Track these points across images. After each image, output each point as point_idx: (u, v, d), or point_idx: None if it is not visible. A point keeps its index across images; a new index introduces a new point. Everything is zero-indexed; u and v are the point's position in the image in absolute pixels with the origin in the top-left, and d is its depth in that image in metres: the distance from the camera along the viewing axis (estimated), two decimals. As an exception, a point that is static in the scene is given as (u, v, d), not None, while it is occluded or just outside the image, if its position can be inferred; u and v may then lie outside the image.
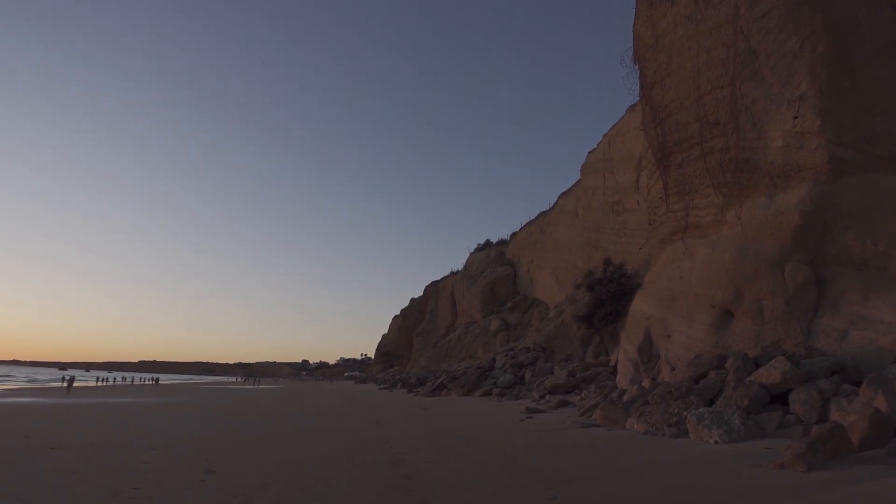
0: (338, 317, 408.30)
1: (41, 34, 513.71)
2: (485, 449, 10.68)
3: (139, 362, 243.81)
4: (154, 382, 72.60)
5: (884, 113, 12.19)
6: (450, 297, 70.81)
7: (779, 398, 10.66)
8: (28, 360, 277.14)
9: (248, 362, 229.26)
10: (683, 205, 16.26)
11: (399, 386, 51.69)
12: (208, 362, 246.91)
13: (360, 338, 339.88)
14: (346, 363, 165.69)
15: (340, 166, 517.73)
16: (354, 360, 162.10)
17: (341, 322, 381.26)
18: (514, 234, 63.23)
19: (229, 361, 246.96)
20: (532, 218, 57.61)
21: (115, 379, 79.07)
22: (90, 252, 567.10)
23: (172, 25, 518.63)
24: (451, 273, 75.51)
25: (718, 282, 14.13)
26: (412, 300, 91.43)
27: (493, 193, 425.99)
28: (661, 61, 16.53)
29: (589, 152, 41.20)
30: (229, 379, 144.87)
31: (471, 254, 70.47)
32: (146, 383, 70.93)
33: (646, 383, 15.30)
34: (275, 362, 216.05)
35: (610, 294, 27.58)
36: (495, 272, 60.66)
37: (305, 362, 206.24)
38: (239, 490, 7.13)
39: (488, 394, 28.70)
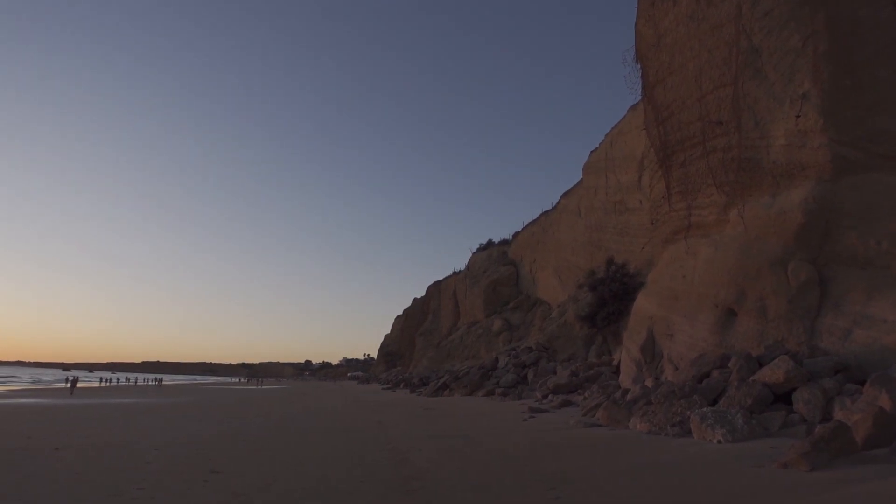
0: (340, 317, 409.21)
1: (41, 34, 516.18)
2: (487, 449, 10.68)
3: (142, 363, 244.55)
4: (157, 383, 72.82)
5: (886, 112, 12.16)
6: (452, 297, 70.84)
7: (782, 397, 10.64)
8: (32, 360, 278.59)
9: (251, 363, 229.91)
10: (686, 204, 16.23)
11: (402, 386, 51.73)
12: (211, 363, 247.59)
13: (363, 338, 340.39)
14: (348, 363, 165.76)
15: (343, 166, 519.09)
16: (357, 360, 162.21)
17: (344, 322, 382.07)
18: (516, 234, 63.24)
19: (232, 362, 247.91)
20: (534, 218, 57.70)
21: (118, 380, 79.22)
22: (93, 253, 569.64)
23: (173, 26, 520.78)
24: (454, 273, 75.53)
25: (721, 281, 14.10)
26: (415, 300, 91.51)
27: (495, 193, 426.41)
28: (663, 60, 16.50)
29: (591, 152, 41.18)
30: (232, 379, 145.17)
31: (473, 254, 70.50)
32: (149, 384, 71.14)
33: (649, 383, 15.28)
34: (278, 363, 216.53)
35: (612, 293, 27.58)
36: (498, 272, 60.66)
37: (308, 362, 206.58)
38: (241, 490, 7.14)
39: (491, 394, 28.70)
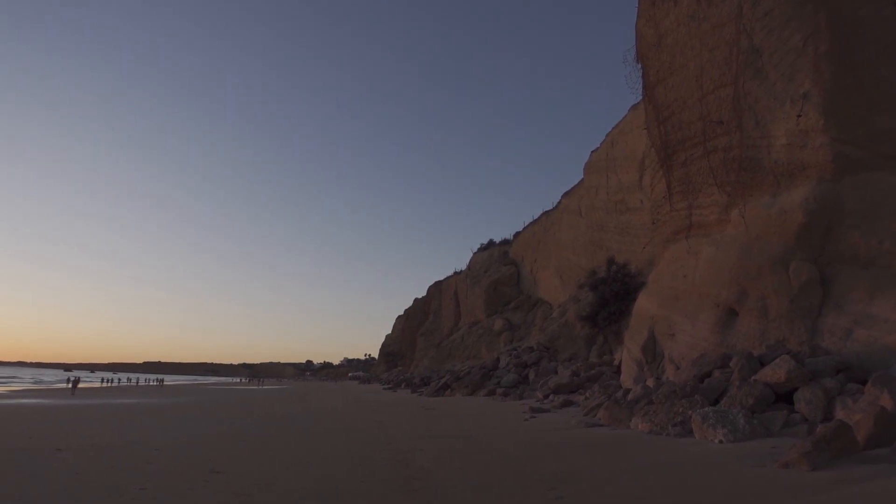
0: (341, 317, 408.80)
1: (40, 34, 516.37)
2: (489, 449, 10.69)
3: (144, 363, 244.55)
4: (158, 383, 72.88)
5: (888, 111, 12.15)
6: (453, 297, 70.82)
7: (784, 397, 10.63)
8: (33, 361, 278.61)
9: (252, 363, 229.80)
10: (687, 204, 16.23)
11: (403, 386, 51.74)
12: (212, 363, 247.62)
13: (364, 338, 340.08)
14: (349, 363, 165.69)
15: (344, 166, 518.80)
16: (358, 360, 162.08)
17: (345, 322, 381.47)
18: (517, 234, 63.19)
19: (233, 362, 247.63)
20: (535, 217, 57.67)
21: (119, 380, 79.20)
22: (94, 253, 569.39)
23: (174, 26, 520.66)
24: (455, 273, 75.49)
25: (722, 281, 14.10)
26: (416, 300, 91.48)
27: (496, 193, 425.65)
28: (664, 60, 16.50)
29: (592, 151, 41.16)
30: (233, 380, 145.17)
31: (474, 254, 70.46)
32: (151, 384, 71.20)
33: (650, 382, 15.28)
34: (279, 363, 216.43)
35: (614, 293, 27.57)
36: (499, 272, 60.64)
37: (309, 363, 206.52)
38: (242, 490, 7.15)
39: (492, 394, 28.70)
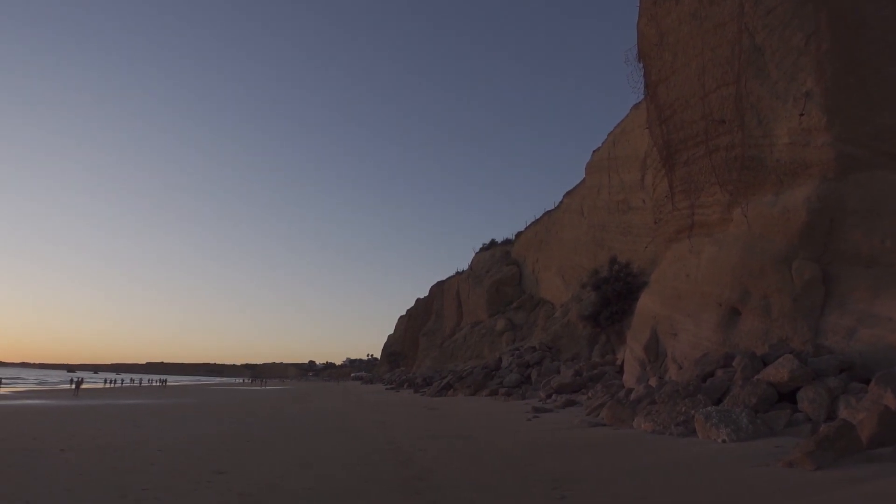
0: (344, 318, 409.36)
1: (40, 35, 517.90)
2: (492, 449, 10.69)
3: (147, 364, 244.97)
4: (161, 384, 73.02)
5: (891, 109, 12.11)
6: (455, 297, 70.81)
7: (787, 396, 10.61)
8: (37, 362, 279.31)
9: (255, 363, 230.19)
10: (689, 203, 16.21)
11: (405, 386, 51.76)
12: (215, 363, 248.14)
13: (366, 338, 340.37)
14: (352, 364, 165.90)
15: (345, 167, 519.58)
16: (361, 360, 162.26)
17: (347, 323, 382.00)
18: (519, 234, 63.15)
19: (236, 362, 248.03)
20: (537, 217, 57.58)
21: (122, 380, 79.35)
22: (97, 254, 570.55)
23: (175, 28, 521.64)
24: (457, 273, 75.50)
25: (725, 280, 14.08)
26: (418, 300, 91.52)
27: (497, 193, 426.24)
28: (666, 59, 16.47)
29: (594, 151, 41.14)
30: (236, 380, 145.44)
31: (476, 254, 70.45)
32: (154, 385, 71.32)
33: (653, 382, 15.26)
34: (281, 363, 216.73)
35: (616, 293, 27.52)
36: (501, 272, 60.61)
37: (312, 363, 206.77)
38: (246, 490, 7.16)
39: (495, 393, 28.69)
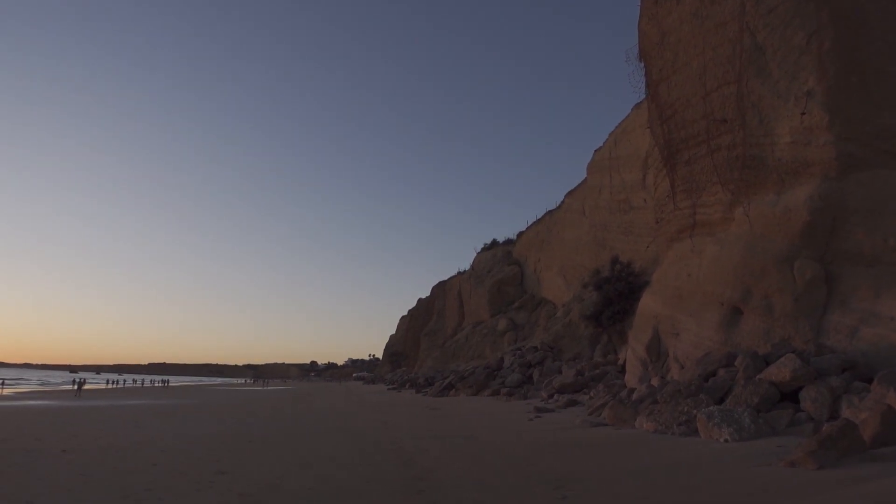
0: (346, 318, 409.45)
1: (39, 35, 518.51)
2: (494, 449, 10.69)
3: (149, 364, 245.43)
4: (163, 385, 73.12)
5: (892, 108, 12.11)
6: (457, 297, 70.76)
7: (789, 396, 10.60)
8: (39, 363, 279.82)
9: (257, 364, 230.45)
10: (691, 202, 16.19)
11: (407, 386, 51.75)
12: (217, 364, 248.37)
13: (368, 339, 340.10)
14: (354, 364, 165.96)
15: (347, 167, 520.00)
16: (363, 360, 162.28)
17: (349, 323, 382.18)
18: (520, 234, 63.10)
19: (238, 363, 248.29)
20: (539, 217, 57.51)
21: (124, 381, 79.48)
22: (99, 255, 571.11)
23: (174, 29, 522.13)
24: (459, 273, 75.43)
25: (727, 279, 14.06)
26: (419, 300, 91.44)
27: (499, 193, 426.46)
28: (667, 58, 16.46)
29: (595, 151, 41.07)
30: (238, 380, 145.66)
31: (478, 253, 70.43)
32: (156, 385, 71.42)
33: (655, 382, 15.26)
34: (283, 363, 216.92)
35: (618, 292, 27.49)
36: (502, 272, 60.57)
37: (314, 363, 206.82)
38: (248, 491, 7.16)
39: (496, 393, 28.68)
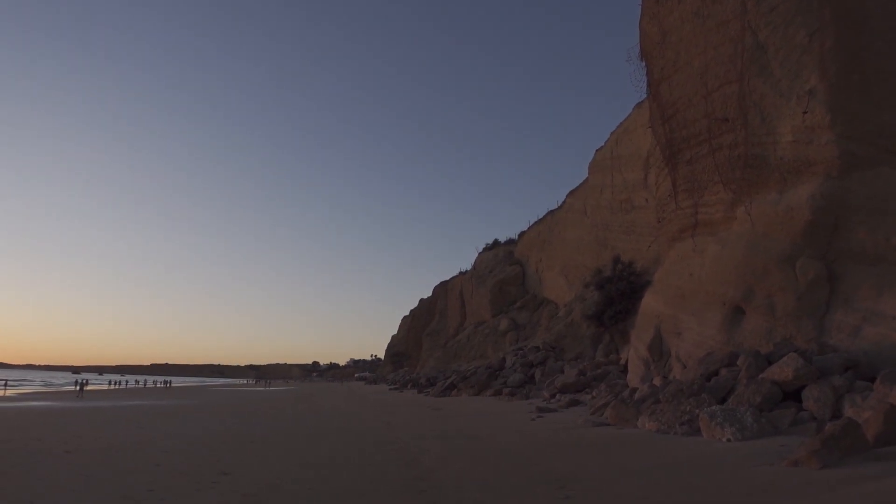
0: (347, 318, 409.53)
1: (39, 36, 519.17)
2: (496, 448, 10.68)
3: (151, 365, 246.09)
4: (166, 385, 73.22)
5: (894, 106, 12.07)
6: (459, 297, 70.76)
7: (791, 395, 10.58)
8: (42, 364, 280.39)
9: (259, 364, 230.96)
10: (692, 202, 16.17)
11: (409, 386, 51.72)
12: (219, 364, 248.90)
13: (370, 339, 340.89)
14: (356, 364, 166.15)
15: (348, 167, 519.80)
16: (364, 360, 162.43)
17: (351, 323, 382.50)
18: (522, 234, 63.08)
19: (240, 363, 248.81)
20: (540, 217, 57.48)
21: (127, 382, 79.62)
22: (101, 256, 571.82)
23: (173, 29, 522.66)
24: (460, 273, 75.40)
25: (729, 279, 14.04)
26: (421, 300, 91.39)
27: (500, 193, 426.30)
28: (669, 58, 16.44)
29: (596, 150, 41.03)
30: (240, 381, 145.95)
31: (479, 253, 70.43)
32: (158, 386, 71.52)
33: (657, 381, 15.23)
34: (285, 364, 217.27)
35: (619, 292, 27.47)
36: (504, 272, 60.54)
37: (316, 364, 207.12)
38: (250, 491, 7.17)
39: (498, 393, 28.66)
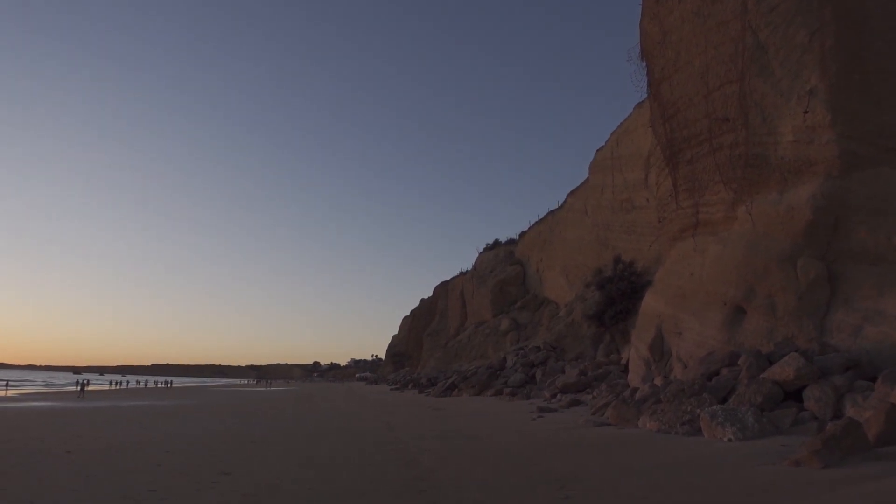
0: (348, 318, 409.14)
1: (38, 36, 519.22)
2: (496, 448, 10.69)
3: (152, 365, 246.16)
4: (167, 385, 73.26)
5: (895, 106, 12.07)
6: (459, 297, 70.76)
7: (793, 395, 10.58)
8: (43, 364, 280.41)
9: (260, 364, 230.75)
10: (693, 201, 16.16)
11: (410, 386, 51.73)
12: (220, 365, 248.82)
13: (371, 339, 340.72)
14: (357, 364, 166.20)
15: (349, 167, 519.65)
16: (365, 361, 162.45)
17: (352, 323, 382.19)
18: (522, 234, 63.07)
19: (241, 364, 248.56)
20: (541, 217, 57.49)
21: (128, 382, 79.68)
22: (102, 257, 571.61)
23: (173, 29, 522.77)
24: (461, 273, 75.40)
25: (730, 278, 14.04)
26: (422, 301, 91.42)
27: (501, 193, 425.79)
28: (669, 57, 16.44)
29: (597, 150, 41.04)
30: (241, 381, 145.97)
31: (480, 253, 70.41)
32: (159, 386, 71.57)
33: (658, 381, 15.23)
34: (286, 364, 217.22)
35: (620, 292, 27.47)
36: (505, 272, 60.54)
37: (317, 364, 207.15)
38: (251, 491, 7.17)
39: (499, 393, 28.66)
